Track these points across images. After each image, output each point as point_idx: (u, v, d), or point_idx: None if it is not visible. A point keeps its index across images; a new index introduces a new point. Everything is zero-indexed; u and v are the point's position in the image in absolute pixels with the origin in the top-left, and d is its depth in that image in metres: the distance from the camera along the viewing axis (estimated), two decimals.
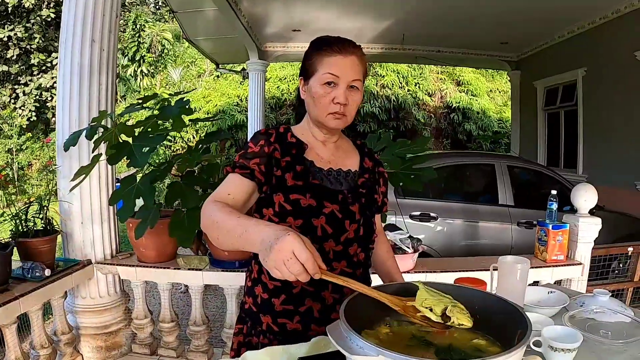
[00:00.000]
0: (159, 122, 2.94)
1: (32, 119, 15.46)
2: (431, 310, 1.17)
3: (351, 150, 1.78)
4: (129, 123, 3.06)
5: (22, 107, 15.28)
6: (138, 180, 2.73)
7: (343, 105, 1.55)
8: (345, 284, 1.21)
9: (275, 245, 1.13)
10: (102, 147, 2.97)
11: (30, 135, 15.50)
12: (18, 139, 15.21)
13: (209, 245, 3.47)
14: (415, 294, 1.24)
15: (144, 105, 2.97)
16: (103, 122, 2.92)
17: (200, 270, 3.35)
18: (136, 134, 2.79)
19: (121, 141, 2.70)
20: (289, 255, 1.12)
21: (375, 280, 1.77)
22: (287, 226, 1.49)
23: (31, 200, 3.29)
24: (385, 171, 1.89)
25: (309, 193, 1.56)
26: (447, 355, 1.08)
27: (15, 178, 13.25)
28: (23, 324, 3.39)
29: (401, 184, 3.05)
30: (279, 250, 1.13)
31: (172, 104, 2.97)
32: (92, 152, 2.91)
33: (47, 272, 3.01)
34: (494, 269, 1.83)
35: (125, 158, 2.61)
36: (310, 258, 1.13)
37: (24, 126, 15.44)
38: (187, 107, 2.87)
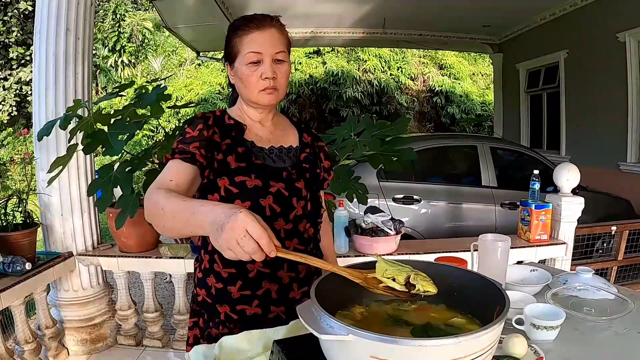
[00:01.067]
0: (137, 109, 2.90)
1: (12, 114, 15.27)
2: (394, 280, 1.15)
3: (289, 127, 1.78)
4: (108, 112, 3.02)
5: (3, 102, 15.06)
6: (115, 168, 2.69)
7: (272, 79, 1.54)
8: (302, 260, 1.17)
9: (227, 224, 1.08)
10: (79, 138, 2.93)
11: (12, 130, 15.30)
12: None
13: None
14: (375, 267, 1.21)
15: (120, 93, 2.92)
16: (79, 112, 2.88)
17: (182, 258, 3.32)
18: (112, 122, 2.75)
19: (97, 130, 2.65)
20: (242, 233, 1.07)
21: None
22: None
23: (11, 194, 3.25)
24: (325, 145, 1.88)
25: (254, 173, 1.54)
26: (424, 334, 1.07)
27: None
28: (7, 321, 3.35)
29: (381, 165, 3.04)
30: (231, 229, 1.07)
31: (150, 91, 2.93)
32: (68, 142, 2.87)
33: (28, 266, 2.98)
34: (474, 249, 1.83)
35: (100, 147, 2.57)
36: (264, 235, 1.08)
37: (5, 121, 15.24)
38: (164, 93, 2.82)
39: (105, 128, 2.68)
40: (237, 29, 1.57)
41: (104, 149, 2.55)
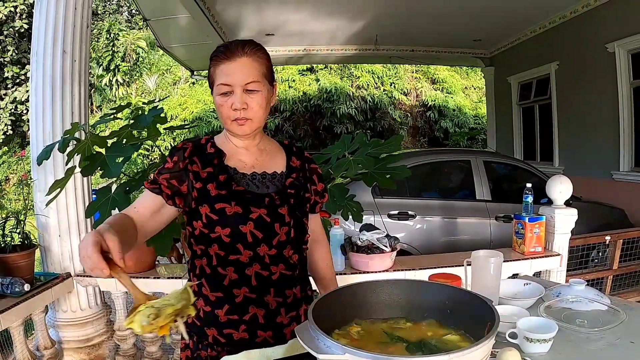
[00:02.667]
0: (134, 131, 2.92)
1: (8, 133, 15.26)
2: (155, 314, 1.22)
3: (277, 151, 1.76)
4: (105, 134, 3.04)
5: None
6: (113, 190, 2.71)
7: (242, 110, 1.54)
8: (124, 285, 1.27)
9: (80, 243, 1.22)
10: (77, 160, 2.95)
11: (7, 149, 15.30)
12: None
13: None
14: None
15: (117, 115, 2.95)
16: (77, 134, 2.90)
17: (179, 278, 3.33)
18: (110, 144, 2.77)
19: (94, 152, 2.68)
20: (84, 253, 1.19)
21: None
22: (217, 236, 1.54)
23: (8, 215, 3.26)
24: (318, 167, 1.86)
25: (234, 200, 1.55)
26: (418, 351, 1.09)
27: None
28: (5, 342, 3.35)
29: (375, 183, 3.06)
30: (79, 248, 1.22)
31: (146, 112, 2.96)
32: (66, 164, 2.89)
33: (27, 287, 2.98)
34: (467, 264, 1.85)
35: (98, 169, 2.59)
36: (88, 256, 1.19)
37: (0, 140, 15.23)
38: (161, 115, 2.85)
39: (103, 150, 2.70)
40: (212, 57, 1.58)
41: (102, 172, 2.57)
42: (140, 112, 2.97)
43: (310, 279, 1.85)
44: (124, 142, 2.77)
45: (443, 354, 0.91)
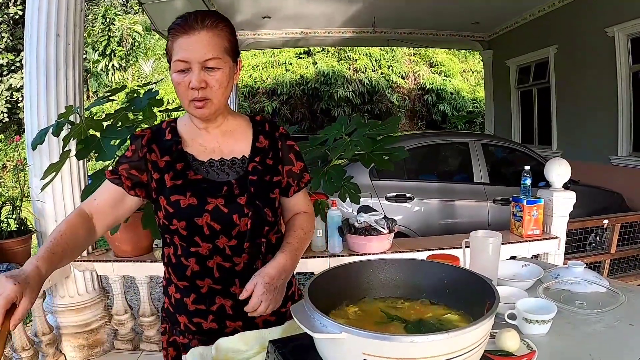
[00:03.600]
0: (129, 114, 2.90)
1: (4, 121, 15.18)
2: None
3: (242, 131, 1.61)
4: (100, 117, 3.02)
5: None
6: None
7: (200, 89, 1.41)
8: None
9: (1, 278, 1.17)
10: (72, 144, 2.93)
11: (3, 137, 15.23)
12: None
13: None
14: None
15: (111, 98, 2.92)
16: (71, 118, 2.88)
17: None
18: (104, 127, 2.75)
19: (89, 135, 2.66)
20: None
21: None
22: (175, 228, 1.48)
23: (5, 201, 3.24)
24: (295, 144, 1.67)
25: (189, 191, 1.47)
26: (417, 330, 1.08)
27: None
28: None
29: (373, 165, 3.05)
30: None
31: (142, 95, 2.93)
32: (61, 149, 2.87)
33: None
34: (466, 245, 1.84)
35: (93, 152, 2.57)
36: None
37: None
38: (156, 98, 2.83)
39: (98, 134, 2.68)
40: (169, 31, 1.43)
41: (96, 155, 2.56)
42: (135, 95, 2.95)
43: (316, 262, 1.78)
44: (119, 124, 2.75)
45: (442, 333, 0.90)
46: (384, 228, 3.22)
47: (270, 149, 1.60)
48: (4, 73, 15.01)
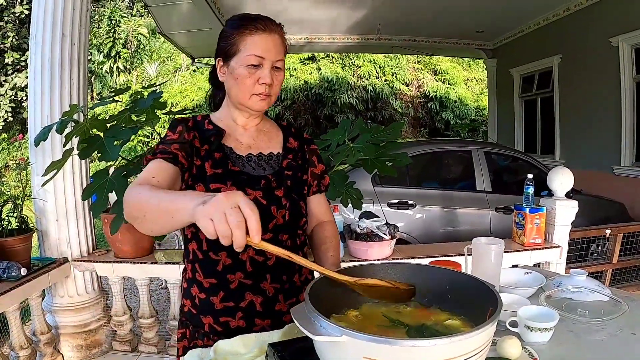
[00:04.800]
0: (132, 115, 2.90)
1: (8, 120, 15.21)
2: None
3: (274, 132, 1.70)
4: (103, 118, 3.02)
5: None
6: (111, 173, 2.69)
7: (268, 86, 1.50)
8: (286, 257, 1.13)
9: (217, 196, 1.02)
10: (75, 142, 2.93)
11: (6, 136, 15.25)
12: None
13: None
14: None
15: (115, 98, 2.92)
16: (75, 117, 2.88)
17: (177, 264, 3.32)
18: (108, 127, 2.75)
19: (92, 135, 2.65)
20: (233, 204, 1.00)
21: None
22: None
23: (7, 199, 3.24)
24: (318, 148, 1.79)
25: (230, 181, 1.50)
26: (419, 335, 1.07)
27: None
28: (2, 327, 3.34)
29: (375, 171, 3.05)
30: (220, 200, 1.01)
31: (146, 96, 2.93)
32: (64, 146, 2.87)
33: (24, 272, 2.98)
34: (468, 252, 1.83)
35: (96, 152, 2.57)
36: (254, 216, 1.01)
37: (0, 127, 15.18)
38: (160, 99, 2.83)
39: (101, 134, 2.68)
40: (240, 26, 1.50)
41: (99, 155, 2.55)
42: (139, 96, 2.95)
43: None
44: (122, 125, 2.75)
45: (444, 337, 0.89)
46: (385, 234, 3.21)
47: (299, 150, 1.70)
48: (9, 72, 15.05)
